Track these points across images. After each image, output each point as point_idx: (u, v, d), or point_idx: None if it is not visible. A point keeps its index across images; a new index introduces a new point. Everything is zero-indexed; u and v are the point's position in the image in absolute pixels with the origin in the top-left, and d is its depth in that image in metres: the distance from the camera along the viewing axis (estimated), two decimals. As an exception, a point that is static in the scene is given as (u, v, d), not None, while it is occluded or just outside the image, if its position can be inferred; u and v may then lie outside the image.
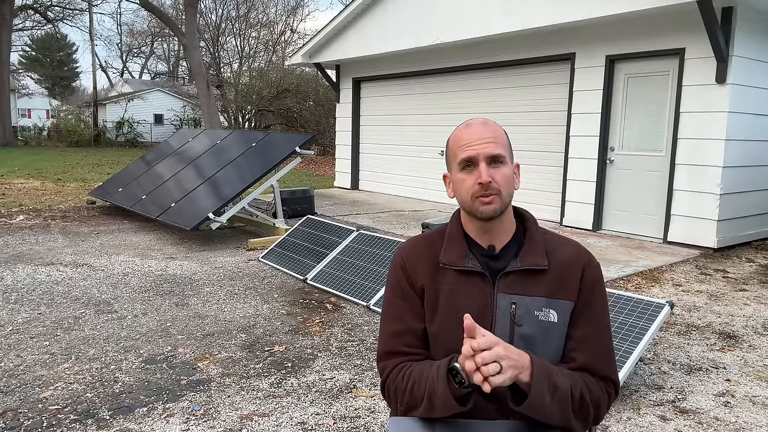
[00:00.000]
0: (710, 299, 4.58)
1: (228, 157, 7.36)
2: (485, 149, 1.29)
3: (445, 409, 1.22)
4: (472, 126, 1.33)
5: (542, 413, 1.21)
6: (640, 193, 6.77)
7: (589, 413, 1.28)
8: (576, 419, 1.26)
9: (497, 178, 1.29)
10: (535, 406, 1.19)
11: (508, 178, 1.31)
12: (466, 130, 1.33)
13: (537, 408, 1.20)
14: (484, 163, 1.28)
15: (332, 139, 16.90)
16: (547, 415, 1.22)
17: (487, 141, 1.29)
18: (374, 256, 4.71)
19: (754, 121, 6.28)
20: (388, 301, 1.41)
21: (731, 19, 5.78)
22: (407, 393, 1.29)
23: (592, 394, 1.28)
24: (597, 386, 1.29)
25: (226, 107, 24.37)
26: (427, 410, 1.25)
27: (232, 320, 3.95)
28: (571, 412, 1.24)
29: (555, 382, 1.21)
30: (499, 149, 1.29)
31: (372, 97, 10.96)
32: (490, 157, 1.29)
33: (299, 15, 35.65)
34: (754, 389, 3.03)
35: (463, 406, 1.21)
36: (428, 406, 1.25)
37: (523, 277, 1.31)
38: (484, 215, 1.30)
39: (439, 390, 1.21)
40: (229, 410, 2.69)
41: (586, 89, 7.16)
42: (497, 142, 1.30)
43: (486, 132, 1.30)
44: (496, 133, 1.31)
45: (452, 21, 8.16)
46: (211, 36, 24.40)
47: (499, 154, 1.29)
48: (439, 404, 1.22)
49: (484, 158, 1.28)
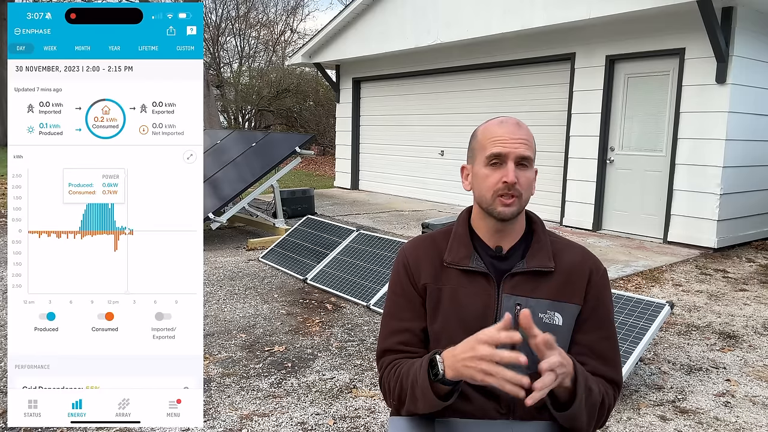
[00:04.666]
0: (710, 299, 4.58)
1: (228, 157, 7.36)
2: (517, 149, 1.27)
3: (425, 402, 1.21)
4: (506, 123, 1.31)
5: (579, 419, 1.20)
6: (640, 193, 6.77)
7: (602, 417, 1.28)
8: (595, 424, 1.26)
9: (522, 180, 1.27)
10: (575, 412, 1.17)
11: (531, 183, 1.30)
12: (499, 126, 1.31)
13: (577, 414, 1.18)
14: (512, 163, 1.27)
15: (332, 139, 16.90)
16: (580, 420, 1.20)
17: (520, 141, 1.28)
18: (374, 256, 4.70)
19: (754, 121, 6.28)
20: (390, 299, 1.41)
21: (731, 19, 5.78)
22: (398, 386, 1.28)
23: (608, 397, 1.28)
24: (609, 390, 1.29)
25: (226, 107, 24.37)
26: (412, 403, 1.24)
27: (232, 320, 3.95)
28: (595, 417, 1.24)
29: (590, 386, 1.20)
30: (529, 152, 1.28)
31: (372, 97, 10.96)
32: (519, 157, 1.27)
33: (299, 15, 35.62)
34: (754, 389, 3.03)
35: (444, 401, 1.20)
36: (412, 398, 1.24)
37: (528, 279, 1.30)
38: (501, 215, 1.29)
39: (419, 382, 1.21)
40: (229, 410, 2.69)
41: (586, 89, 7.15)
42: (528, 145, 1.29)
43: (519, 132, 1.29)
44: (528, 136, 1.30)
45: (452, 21, 8.16)
46: (211, 36, 24.40)
47: (529, 157, 1.28)
48: (421, 397, 1.21)
49: (514, 158, 1.27)
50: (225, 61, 26.22)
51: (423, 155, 9.84)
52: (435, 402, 1.19)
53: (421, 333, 1.36)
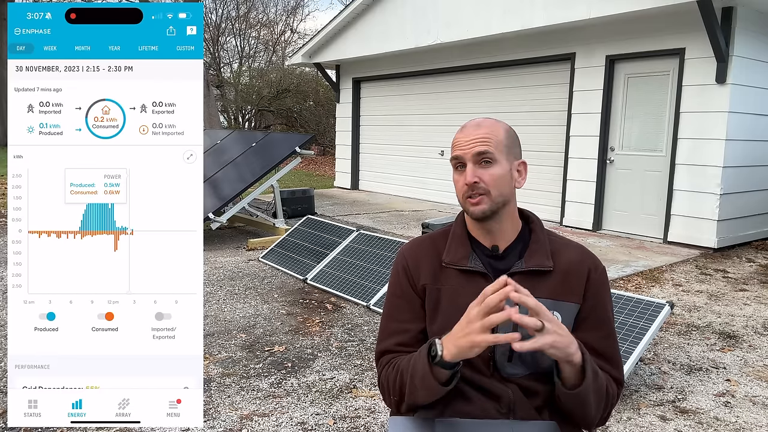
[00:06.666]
0: (710, 299, 4.58)
1: (228, 157, 7.36)
2: (473, 148, 1.28)
3: (425, 389, 1.20)
4: (465, 127, 1.33)
5: (587, 401, 1.19)
6: (640, 193, 6.77)
7: (606, 408, 1.27)
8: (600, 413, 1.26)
9: (485, 178, 1.28)
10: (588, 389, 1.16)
11: (498, 178, 1.29)
12: (460, 131, 1.34)
13: (584, 395, 1.17)
14: (470, 164, 1.28)
15: (332, 139, 16.90)
16: (588, 403, 1.20)
17: (475, 140, 1.29)
18: (374, 256, 4.70)
19: (754, 121, 6.28)
20: (389, 299, 1.41)
21: (731, 19, 5.78)
22: (398, 378, 1.29)
23: (612, 389, 1.28)
24: (612, 384, 1.30)
25: (226, 107, 24.37)
26: (412, 393, 1.24)
27: (232, 320, 3.95)
28: (602, 405, 1.24)
29: (596, 369, 1.21)
30: (486, 147, 1.28)
31: (372, 97, 10.96)
32: (475, 155, 1.28)
33: (299, 15, 35.61)
34: (754, 389, 3.03)
35: (444, 386, 1.20)
36: (412, 388, 1.24)
37: (527, 278, 1.30)
38: (473, 215, 1.31)
39: (419, 367, 1.21)
40: (229, 410, 2.69)
41: (586, 89, 7.16)
42: (487, 142, 1.28)
43: (477, 132, 1.30)
44: (490, 132, 1.30)
45: (452, 21, 8.16)
46: (211, 36, 24.40)
47: (485, 152, 1.28)
48: (420, 384, 1.21)
49: (471, 158, 1.28)
50: (225, 61, 26.23)
51: (423, 155, 9.84)
52: (435, 387, 1.19)
53: (420, 334, 1.36)
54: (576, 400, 1.20)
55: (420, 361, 1.20)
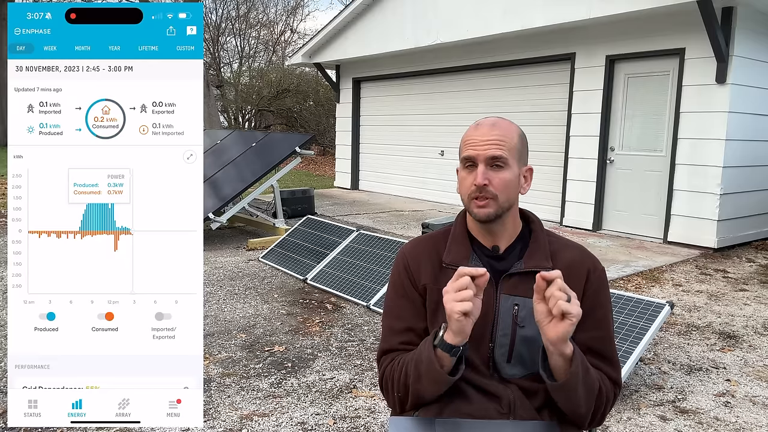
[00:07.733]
0: (710, 299, 4.58)
1: (228, 157, 7.36)
2: (487, 151, 1.27)
3: (429, 374, 1.21)
4: (480, 126, 1.31)
5: (574, 396, 1.20)
6: (640, 193, 6.77)
7: (601, 408, 1.27)
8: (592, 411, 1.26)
9: (495, 182, 1.27)
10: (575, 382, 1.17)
11: (508, 183, 1.28)
12: (474, 129, 1.32)
13: (572, 387, 1.18)
14: (483, 165, 1.27)
15: (332, 139, 16.90)
16: (576, 398, 1.20)
17: (490, 142, 1.27)
18: (374, 256, 4.70)
19: (754, 121, 6.28)
20: (390, 299, 1.41)
21: (731, 19, 5.78)
22: (402, 372, 1.28)
23: (606, 388, 1.28)
24: (609, 384, 1.30)
25: (226, 107, 24.36)
26: (416, 382, 1.24)
27: (232, 320, 3.95)
28: (593, 401, 1.24)
29: (587, 366, 1.21)
30: (501, 152, 1.27)
31: (372, 97, 10.96)
32: (489, 158, 1.27)
33: (299, 15, 35.58)
34: (754, 389, 3.03)
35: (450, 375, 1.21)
36: (416, 378, 1.24)
37: (526, 279, 1.30)
38: (477, 217, 1.30)
39: (424, 355, 1.21)
40: (229, 410, 2.69)
41: (586, 89, 7.15)
42: (502, 145, 1.27)
43: (492, 133, 1.28)
44: (505, 136, 1.29)
45: (452, 21, 8.16)
46: (211, 36, 24.39)
47: (500, 156, 1.27)
48: (425, 372, 1.21)
49: (484, 160, 1.27)
50: (225, 61, 26.23)
51: (423, 155, 9.84)
52: (439, 374, 1.19)
53: (422, 333, 1.36)
54: (562, 392, 1.20)
55: (426, 348, 1.21)
